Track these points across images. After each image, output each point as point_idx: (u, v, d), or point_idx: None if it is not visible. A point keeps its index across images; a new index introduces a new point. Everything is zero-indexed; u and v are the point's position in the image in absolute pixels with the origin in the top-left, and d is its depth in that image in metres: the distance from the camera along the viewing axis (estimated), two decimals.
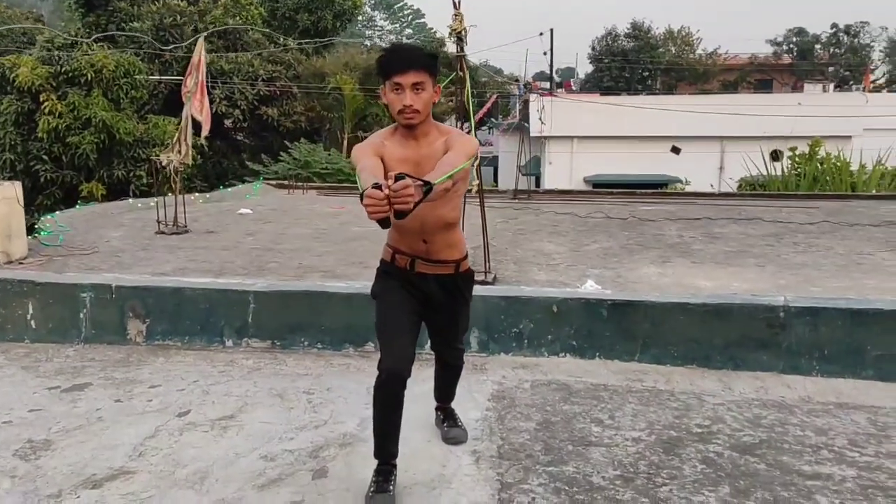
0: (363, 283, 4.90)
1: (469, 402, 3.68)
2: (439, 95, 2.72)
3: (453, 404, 3.51)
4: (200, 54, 7.24)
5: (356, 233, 7.40)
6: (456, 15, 4.30)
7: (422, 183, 2.25)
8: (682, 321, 4.27)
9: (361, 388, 4.06)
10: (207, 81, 7.19)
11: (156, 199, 10.68)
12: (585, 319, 4.35)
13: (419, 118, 2.67)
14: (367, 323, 4.58)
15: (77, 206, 10.67)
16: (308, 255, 5.98)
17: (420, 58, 2.66)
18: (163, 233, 7.07)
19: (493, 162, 33.58)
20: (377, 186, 2.18)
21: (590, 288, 4.63)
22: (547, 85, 33.47)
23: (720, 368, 4.25)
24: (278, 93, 26.11)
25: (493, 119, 39.71)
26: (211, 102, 22.60)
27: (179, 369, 4.36)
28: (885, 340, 4.08)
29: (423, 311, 2.93)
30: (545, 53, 29.14)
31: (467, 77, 4.88)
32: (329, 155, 22.59)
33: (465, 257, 2.98)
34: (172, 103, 24.15)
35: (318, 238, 6.94)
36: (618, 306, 4.33)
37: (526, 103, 27.18)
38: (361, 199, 2.23)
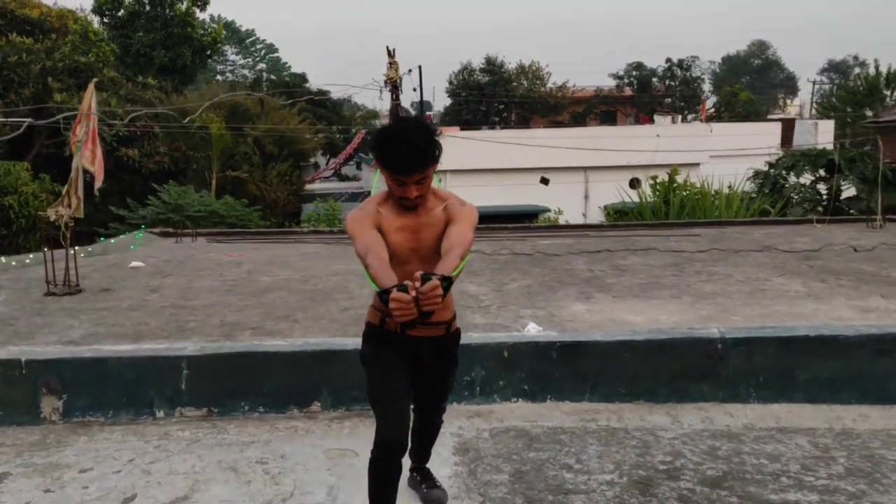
0: (303, 341, 4.70)
1: (434, 458, 3.58)
2: (436, 167, 2.64)
3: None
4: (90, 100, 6.77)
5: (268, 283, 7.11)
6: (391, 64, 4.27)
7: (440, 278, 2.17)
8: (627, 358, 4.39)
9: (318, 453, 3.88)
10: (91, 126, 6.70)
11: (31, 256, 9.87)
12: (536, 362, 4.38)
13: (421, 202, 2.64)
14: (312, 382, 4.42)
15: None
16: (228, 311, 5.67)
17: (426, 157, 2.54)
18: (53, 294, 6.47)
19: (367, 197, 33.57)
20: (403, 288, 2.13)
21: (532, 330, 4.67)
22: None
23: (666, 402, 4.39)
24: (139, 133, 24.98)
25: (361, 154, 39.93)
26: (63, 144, 21.26)
27: (108, 448, 3.99)
28: (810, 365, 4.38)
29: (414, 372, 2.85)
30: (415, 89, 29.60)
31: None
32: (201, 197, 21.66)
33: (455, 317, 2.93)
34: (19, 147, 22.50)
35: (230, 291, 6.61)
36: (567, 347, 4.40)
37: None
38: (380, 297, 2.18)
